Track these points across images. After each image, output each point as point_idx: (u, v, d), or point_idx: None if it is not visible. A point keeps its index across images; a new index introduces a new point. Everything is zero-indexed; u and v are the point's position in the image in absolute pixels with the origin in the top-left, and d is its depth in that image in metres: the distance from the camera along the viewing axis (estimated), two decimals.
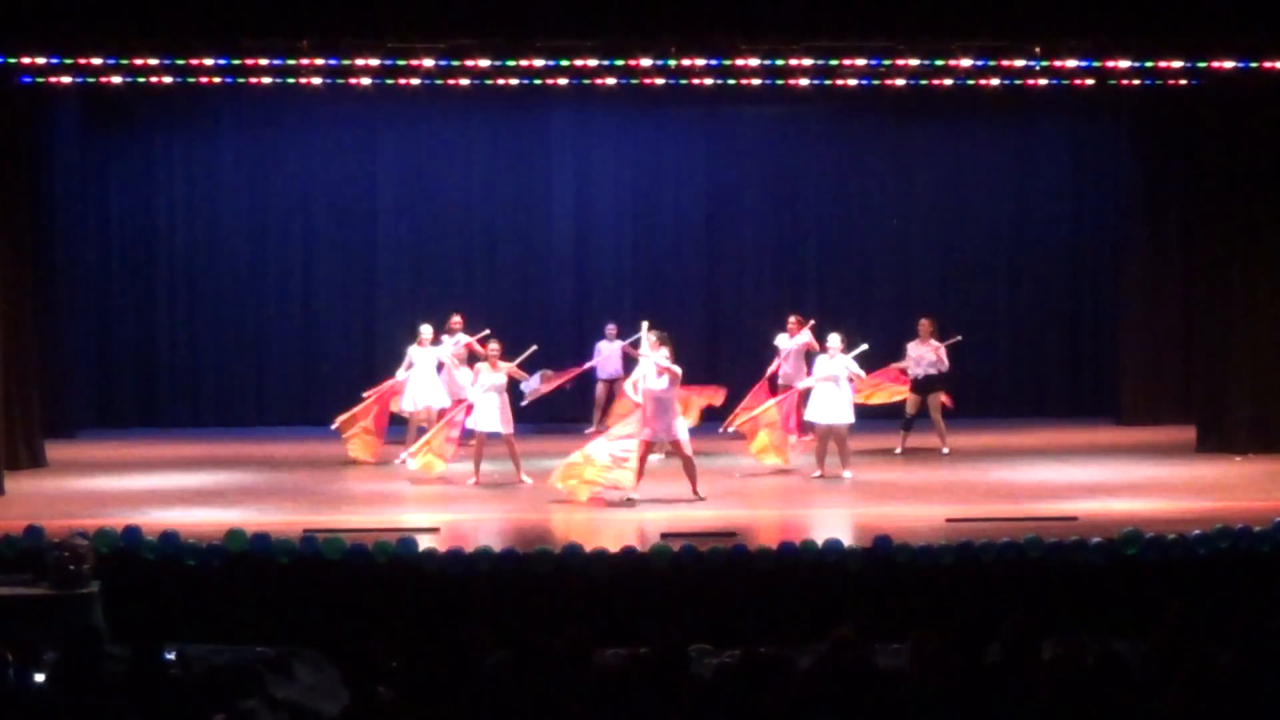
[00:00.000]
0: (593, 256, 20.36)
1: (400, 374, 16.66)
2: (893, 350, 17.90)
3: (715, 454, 16.82)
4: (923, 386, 17.12)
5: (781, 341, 17.40)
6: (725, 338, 20.26)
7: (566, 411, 19.05)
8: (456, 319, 17.53)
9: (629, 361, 18.90)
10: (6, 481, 14.53)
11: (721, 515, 13.14)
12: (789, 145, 20.34)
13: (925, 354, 17.15)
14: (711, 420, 17.07)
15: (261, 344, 20.12)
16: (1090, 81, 17.02)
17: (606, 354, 18.78)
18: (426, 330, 16.73)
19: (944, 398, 17.25)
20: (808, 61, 15.85)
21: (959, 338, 17.60)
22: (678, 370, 14.06)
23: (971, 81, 16.55)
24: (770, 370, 17.21)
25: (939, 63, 15.95)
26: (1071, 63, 15.85)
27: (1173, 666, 6.43)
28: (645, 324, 15.36)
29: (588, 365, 18.62)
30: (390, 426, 16.90)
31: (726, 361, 20.04)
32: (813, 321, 16.88)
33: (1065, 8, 14.75)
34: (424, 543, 11.70)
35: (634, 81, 16.57)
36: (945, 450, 17.07)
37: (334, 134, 19.96)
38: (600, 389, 18.81)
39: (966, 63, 15.76)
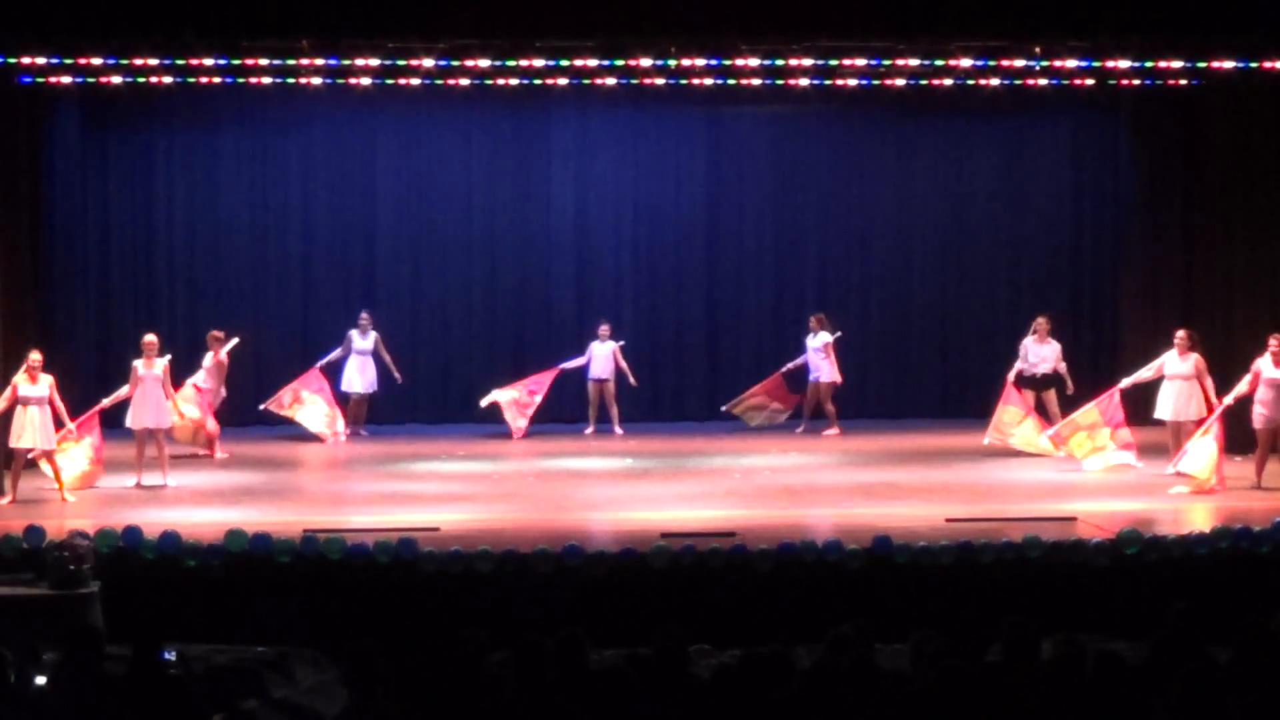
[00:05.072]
0: (593, 256, 20.31)
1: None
2: (892, 348, 17.85)
3: (712, 454, 16.84)
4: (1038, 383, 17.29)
5: (809, 340, 18.49)
6: (725, 337, 20.23)
7: (564, 413, 19.02)
8: (364, 315, 18.63)
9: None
10: (6, 481, 14.51)
11: (721, 515, 13.14)
12: (789, 145, 20.31)
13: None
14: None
15: (261, 344, 20.08)
16: (1090, 81, 17.02)
17: (598, 354, 18.65)
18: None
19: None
20: (808, 61, 15.86)
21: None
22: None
23: (971, 81, 16.55)
24: (788, 366, 18.68)
25: (939, 63, 15.96)
26: (1071, 63, 15.85)
27: (1173, 666, 6.42)
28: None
29: (566, 366, 18.75)
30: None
31: (726, 360, 20.04)
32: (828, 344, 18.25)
33: (1065, 8, 14.74)
34: (424, 543, 11.70)
35: (634, 81, 16.58)
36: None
37: (334, 134, 19.91)
38: (592, 389, 18.69)
39: (966, 63, 15.76)
